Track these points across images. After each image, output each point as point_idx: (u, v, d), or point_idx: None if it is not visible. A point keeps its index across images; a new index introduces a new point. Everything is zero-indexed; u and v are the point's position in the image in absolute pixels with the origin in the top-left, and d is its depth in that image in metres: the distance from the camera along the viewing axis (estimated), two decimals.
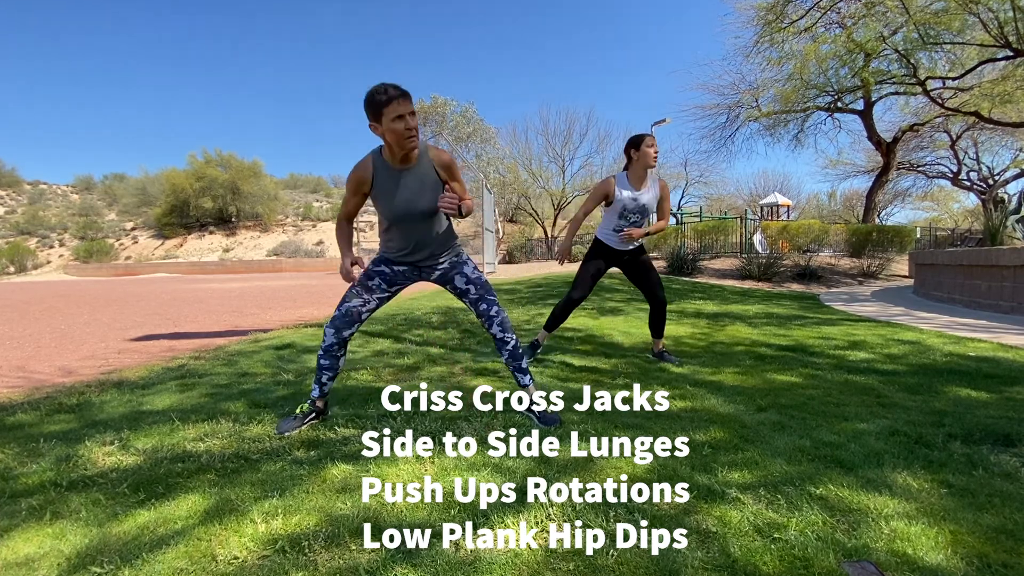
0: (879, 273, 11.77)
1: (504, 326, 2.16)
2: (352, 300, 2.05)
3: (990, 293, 5.59)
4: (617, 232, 3.08)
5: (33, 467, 1.67)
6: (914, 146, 20.69)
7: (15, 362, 3.63)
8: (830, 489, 1.47)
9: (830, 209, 34.06)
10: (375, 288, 2.08)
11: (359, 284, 2.05)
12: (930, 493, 1.44)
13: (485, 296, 2.15)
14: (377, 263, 2.11)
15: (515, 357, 2.18)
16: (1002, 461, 1.65)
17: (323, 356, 2.07)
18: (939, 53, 11.03)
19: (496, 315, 2.15)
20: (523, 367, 2.20)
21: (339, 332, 2.04)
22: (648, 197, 3.02)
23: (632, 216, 3.04)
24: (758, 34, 11.89)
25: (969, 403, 2.29)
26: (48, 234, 34.93)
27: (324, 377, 2.10)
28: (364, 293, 2.06)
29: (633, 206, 3.01)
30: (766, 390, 2.56)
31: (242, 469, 1.63)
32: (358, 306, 2.05)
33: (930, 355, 3.31)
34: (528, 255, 21.66)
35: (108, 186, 42.99)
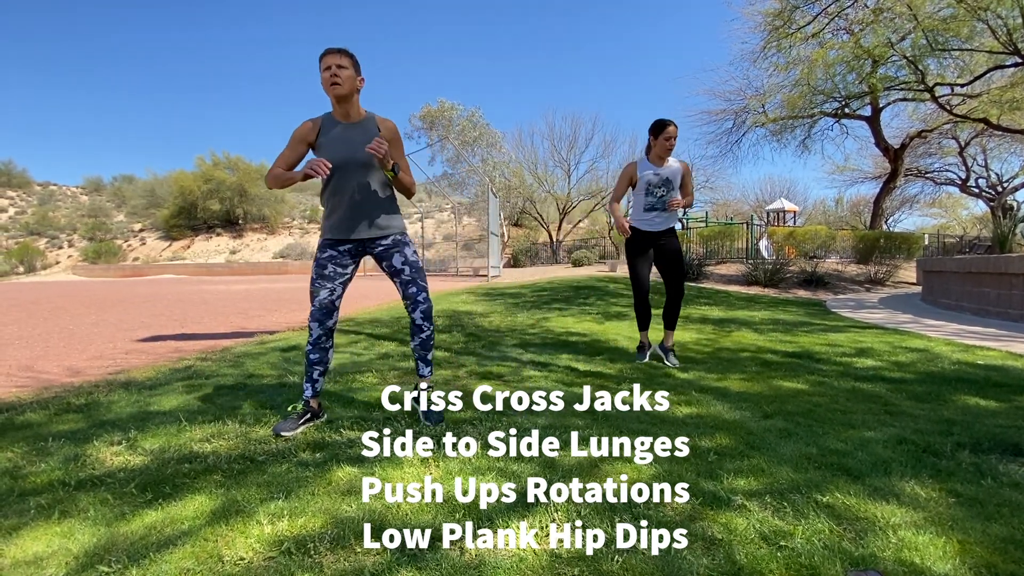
0: (886, 280, 11.69)
1: (426, 315, 2.22)
2: (320, 293, 2.12)
3: (999, 301, 5.54)
4: (647, 211, 3.24)
5: (42, 466, 1.68)
6: (922, 152, 20.59)
7: (24, 361, 3.66)
8: (837, 497, 1.46)
9: (837, 215, 33.87)
10: (332, 275, 2.13)
11: (318, 277, 2.12)
12: (938, 502, 1.43)
13: (417, 280, 2.20)
14: (323, 249, 2.15)
15: (424, 347, 2.25)
16: (1011, 471, 1.63)
17: (312, 350, 2.15)
18: (947, 59, 10.98)
19: (423, 302, 2.20)
20: (428, 359, 2.27)
21: (323, 323, 2.13)
22: (670, 171, 3.19)
23: (658, 190, 3.20)
24: (765, 40, 11.89)
25: (978, 412, 2.27)
26: (57, 235, 35.28)
27: (315, 373, 2.16)
28: (327, 283, 2.12)
29: (656, 180, 3.19)
30: (772, 397, 2.54)
31: (248, 470, 1.64)
32: (327, 296, 2.13)
33: (938, 363, 3.29)
34: (533, 259, 21.67)
35: (117, 188, 43.44)
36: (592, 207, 26.28)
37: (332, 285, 2.13)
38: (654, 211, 3.22)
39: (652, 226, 3.26)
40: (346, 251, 2.15)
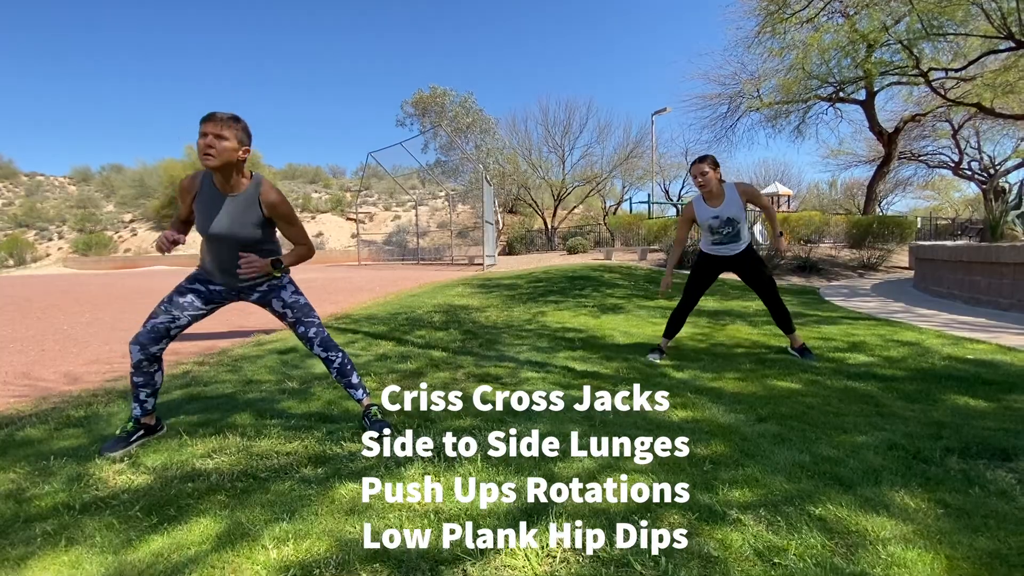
0: (879, 265, 11.78)
1: (326, 345, 2.16)
2: (160, 316, 1.98)
3: (990, 290, 5.61)
4: (716, 245, 3.28)
5: (45, 488, 1.69)
6: (916, 135, 20.58)
7: (20, 367, 3.65)
8: (829, 509, 1.49)
9: (831, 198, 33.95)
10: (187, 305, 2.02)
11: (168, 300, 2.01)
12: (927, 514, 1.47)
13: (302, 319, 2.15)
14: (192, 280, 2.07)
15: (343, 374, 2.20)
16: (998, 478, 1.68)
17: (135, 374, 1.99)
18: (942, 43, 10.92)
19: (315, 336, 2.15)
20: (353, 383, 2.22)
21: (145, 348, 1.96)
22: (731, 210, 3.14)
23: (724, 229, 3.19)
24: (760, 24, 11.77)
25: (967, 413, 2.31)
26: (46, 226, 34.83)
27: (142, 395, 2.02)
28: (174, 310, 2.00)
29: (717, 223, 3.18)
30: (766, 398, 2.59)
31: (251, 489, 1.66)
32: (166, 322, 1.99)
33: (929, 358, 3.34)
34: (528, 246, 21.63)
35: (106, 177, 42.76)
36: (587, 193, 26.19)
37: (178, 313, 2.01)
38: (722, 244, 3.27)
39: (722, 252, 3.30)
40: (217, 291, 2.08)
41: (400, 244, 24.26)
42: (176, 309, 2.01)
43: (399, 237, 25.96)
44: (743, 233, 3.24)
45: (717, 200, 3.14)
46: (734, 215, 3.13)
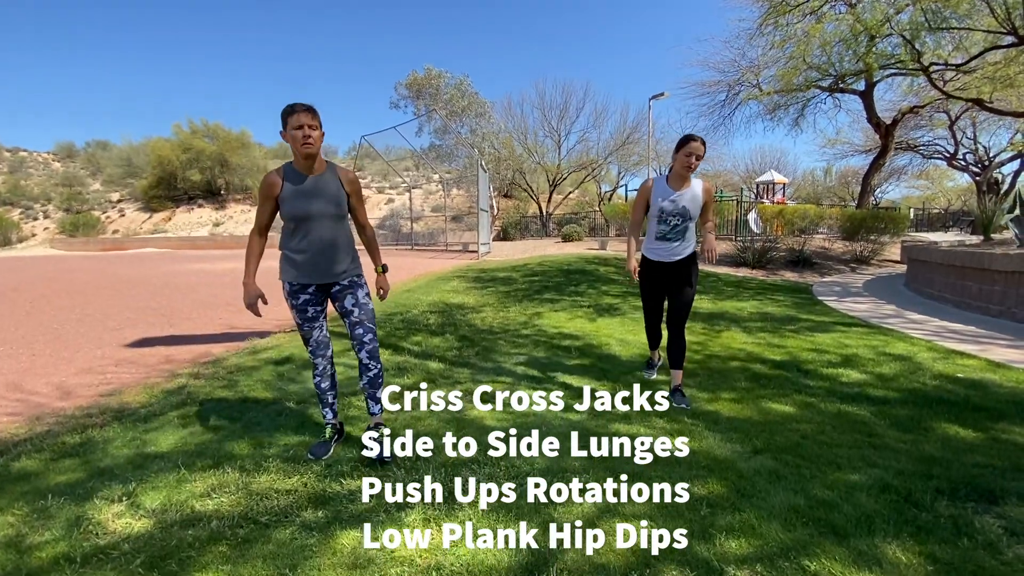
0: (872, 258, 11.87)
1: (372, 355, 2.29)
2: (313, 334, 2.26)
3: (980, 296, 5.67)
4: (659, 239, 2.93)
5: (45, 535, 1.69)
6: (912, 125, 20.54)
7: (10, 377, 3.61)
8: (823, 564, 1.53)
9: (825, 186, 33.96)
10: (315, 316, 2.25)
11: (304, 322, 2.23)
12: (917, 570, 1.51)
13: (365, 323, 2.27)
14: (295, 295, 2.21)
15: (373, 385, 2.32)
16: (986, 525, 1.72)
17: (320, 380, 2.31)
18: (944, 34, 10.80)
19: (368, 343, 2.27)
20: (377, 396, 2.33)
21: (324, 355, 2.29)
22: (688, 198, 2.85)
23: (672, 219, 2.87)
24: (763, 15, 11.57)
25: (957, 446, 2.36)
26: (32, 205, 34.14)
27: (329, 398, 2.35)
28: (314, 323, 2.25)
29: (671, 208, 2.86)
30: (761, 424, 2.62)
31: (253, 538, 1.66)
32: (320, 335, 2.28)
33: (920, 376, 3.39)
34: (523, 232, 21.50)
35: (91, 154, 41.84)
36: (583, 178, 25.99)
37: (319, 323, 2.27)
38: (667, 240, 2.92)
39: (663, 255, 2.95)
40: (314, 292, 2.23)
41: (394, 228, 24.02)
42: (313, 321, 2.24)
43: (392, 222, 25.70)
44: (690, 234, 2.95)
45: (681, 185, 2.87)
46: (690, 209, 2.86)
